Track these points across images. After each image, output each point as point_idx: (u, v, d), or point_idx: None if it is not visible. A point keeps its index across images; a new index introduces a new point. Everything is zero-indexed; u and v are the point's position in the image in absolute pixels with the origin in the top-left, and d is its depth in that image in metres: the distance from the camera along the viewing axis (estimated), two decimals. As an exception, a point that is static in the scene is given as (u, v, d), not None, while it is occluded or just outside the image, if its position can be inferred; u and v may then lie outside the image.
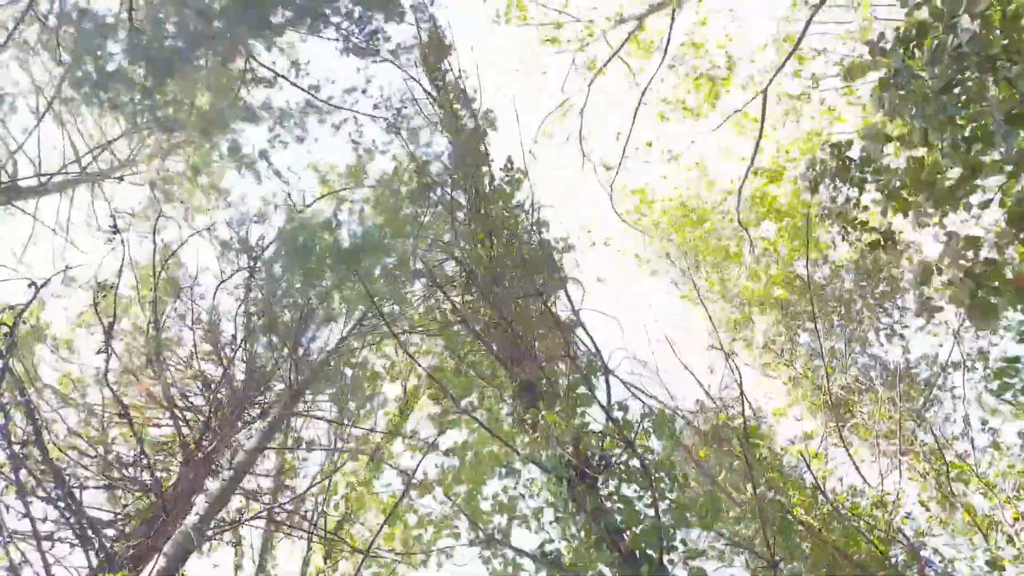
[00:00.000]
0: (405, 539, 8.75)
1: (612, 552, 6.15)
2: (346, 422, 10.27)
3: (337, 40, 9.89)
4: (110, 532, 8.58)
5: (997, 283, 4.74)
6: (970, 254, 4.93)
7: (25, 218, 11.19)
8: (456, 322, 7.60)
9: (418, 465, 6.58)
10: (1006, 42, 4.73)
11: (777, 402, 15.20)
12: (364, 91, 10.11)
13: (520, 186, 8.07)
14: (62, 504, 8.43)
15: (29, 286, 8.74)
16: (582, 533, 6.38)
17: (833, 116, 13.73)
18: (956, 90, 4.96)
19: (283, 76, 9.26)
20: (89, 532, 8.35)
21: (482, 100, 9.68)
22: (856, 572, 10.23)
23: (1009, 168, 4.87)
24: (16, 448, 8.32)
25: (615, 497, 6.49)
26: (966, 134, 4.95)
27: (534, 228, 7.66)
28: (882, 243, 6.47)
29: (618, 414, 6.62)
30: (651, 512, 6.21)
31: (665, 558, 6.22)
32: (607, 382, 6.75)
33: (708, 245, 16.08)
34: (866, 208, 6.75)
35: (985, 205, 5.08)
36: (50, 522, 8.42)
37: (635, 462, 6.46)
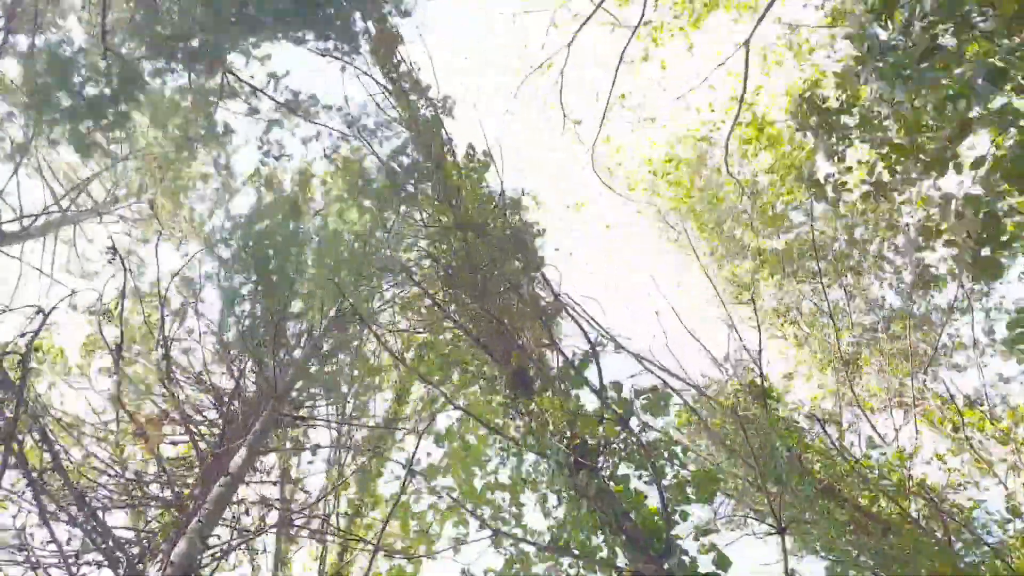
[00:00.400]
0: (414, 532, 8.85)
1: (618, 535, 6.20)
2: (341, 421, 10.38)
3: (317, 43, 9.81)
4: (135, 550, 8.76)
5: (1003, 239, 4.72)
6: (969, 212, 4.89)
7: (11, 265, 11.42)
8: (440, 318, 7.63)
9: (415, 453, 6.61)
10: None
11: (785, 365, 15.17)
12: (341, 108, 10.04)
13: (486, 172, 8.04)
14: (88, 527, 8.60)
15: (36, 313, 8.88)
16: (587, 518, 6.42)
17: (817, 69, 13.46)
18: (933, 58, 4.90)
19: (261, 90, 9.24)
20: (116, 552, 8.53)
21: (439, 88, 9.59)
22: (878, 528, 10.25)
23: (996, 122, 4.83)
24: (35, 475, 8.48)
25: (617, 478, 6.53)
26: (951, 92, 4.88)
27: (506, 213, 7.62)
28: (875, 193, 6.44)
29: (611, 395, 6.63)
30: (654, 490, 6.27)
31: (674, 533, 6.27)
32: (596, 364, 6.77)
33: (698, 199, 15.91)
34: (849, 169, 6.70)
35: (978, 163, 5.00)
36: (76, 545, 8.59)
37: (633, 440, 6.49)
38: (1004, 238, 4.69)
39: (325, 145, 10.28)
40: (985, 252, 4.79)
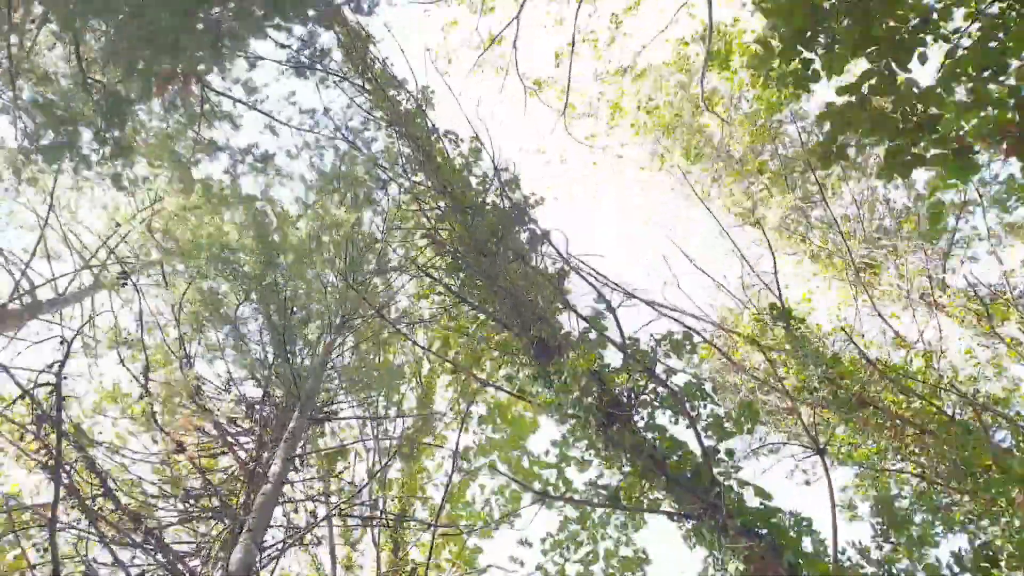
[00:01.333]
0: (466, 514, 9.07)
1: (661, 478, 6.30)
2: (372, 416, 10.52)
3: (283, 62, 9.61)
4: (195, 562, 9.01)
5: (929, 141, 4.53)
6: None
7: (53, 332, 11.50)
8: (455, 303, 7.69)
9: (458, 438, 6.74)
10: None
11: (799, 283, 15.18)
12: (325, 111, 9.84)
13: (478, 155, 8.00)
14: (148, 546, 8.84)
15: (61, 343, 9.04)
16: (628, 469, 6.52)
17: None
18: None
19: (243, 102, 9.15)
20: (178, 565, 8.78)
21: (416, 80, 9.58)
22: (915, 429, 10.35)
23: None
24: (88, 503, 8.72)
25: (655, 427, 6.61)
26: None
27: (503, 188, 7.58)
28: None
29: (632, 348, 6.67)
30: (689, 433, 6.35)
31: (716, 471, 6.36)
32: (615, 319, 6.81)
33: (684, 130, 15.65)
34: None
35: (952, 54, 4.77)
36: (138, 564, 8.84)
37: (662, 389, 6.55)
38: (936, 136, 4.48)
39: (312, 153, 10.15)
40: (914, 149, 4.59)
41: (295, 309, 10.21)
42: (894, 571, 6.16)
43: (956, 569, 6.04)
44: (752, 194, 15.76)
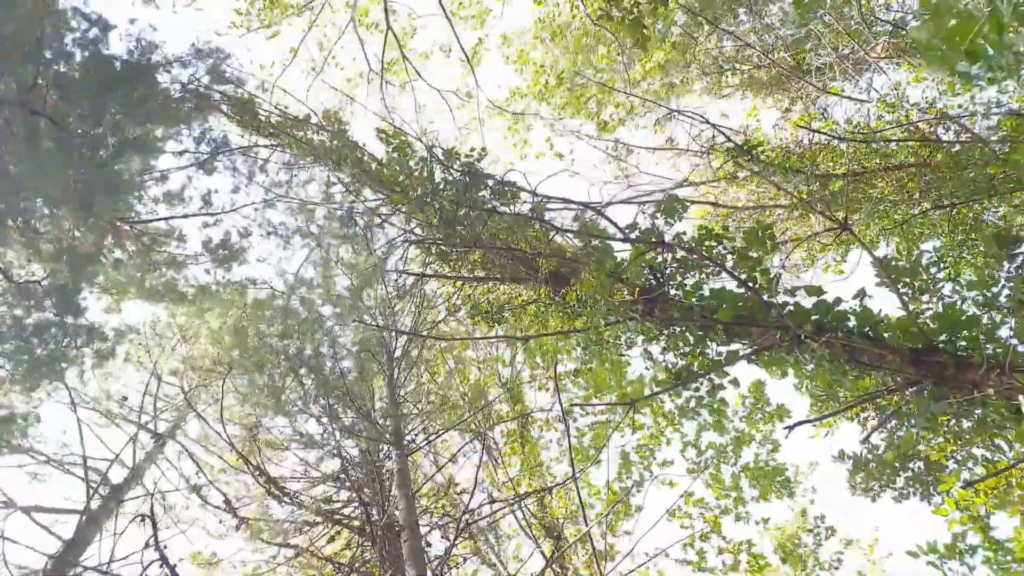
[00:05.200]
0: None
1: (721, 331, 6.47)
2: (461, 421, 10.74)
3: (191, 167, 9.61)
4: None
5: None
6: None
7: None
8: (461, 287, 7.83)
9: (558, 403, 6.91)
10: None
11: (741, 106, 15.28)
12: (250, 177, 9.79)
13: (406, 149, 8.04)
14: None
15: (141, 521, 9.31)
16: (691, 339, 6.68)
17: None
18: None
19: (174, 216, 9.20)
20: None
21: (317, 114, 9.65)
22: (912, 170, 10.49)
23: None
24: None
25: (689, 292, 6.77)
26: None
27: (446, 165, 7.64)
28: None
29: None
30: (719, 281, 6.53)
31: (766, 298, 6.52)
32: (607, 219, 6.93)
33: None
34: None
35: None
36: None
37: (681, 253, 6.69)
38: None
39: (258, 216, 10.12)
40: None
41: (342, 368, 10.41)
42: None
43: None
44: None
